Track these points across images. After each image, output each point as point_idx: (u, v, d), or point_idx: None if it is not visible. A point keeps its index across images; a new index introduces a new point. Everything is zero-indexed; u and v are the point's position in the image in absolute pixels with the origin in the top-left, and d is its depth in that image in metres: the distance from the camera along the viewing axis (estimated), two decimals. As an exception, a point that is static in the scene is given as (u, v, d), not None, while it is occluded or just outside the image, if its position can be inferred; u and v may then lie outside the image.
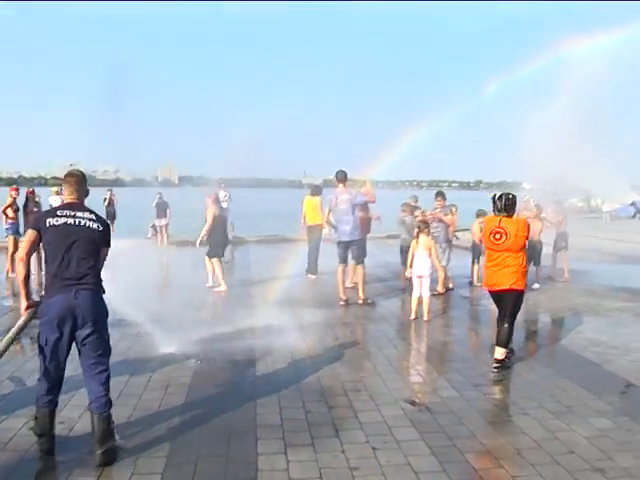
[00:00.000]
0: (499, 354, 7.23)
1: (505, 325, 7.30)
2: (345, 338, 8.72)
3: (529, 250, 8.51)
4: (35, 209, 14.43)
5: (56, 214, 4.75)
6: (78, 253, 4.64)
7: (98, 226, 4.82)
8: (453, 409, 5.90)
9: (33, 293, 4.85)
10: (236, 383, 6.73)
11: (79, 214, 4.78)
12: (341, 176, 11.31)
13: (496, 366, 7.19)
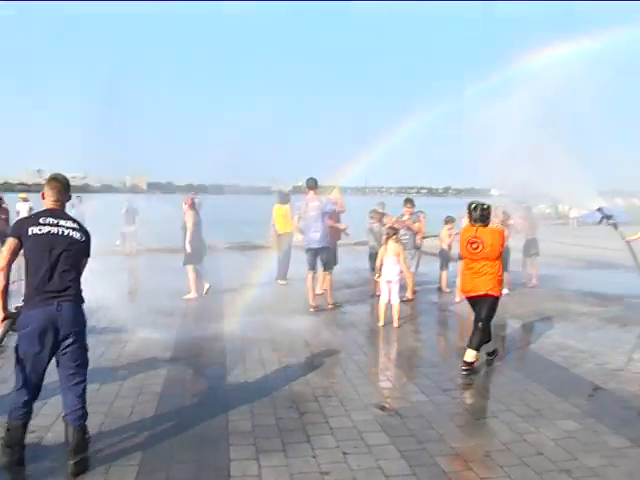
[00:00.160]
0: (469, 357, 7.40)
1: (477, 329, 7.50)
2: (315, 344, 8.80)
3: None
4: (3, 216, 14.32)
5: (39, 222, 4.63)
6: (61, 265, 4.57)
7: (81, 236, 4.76)
8: (423, 413, 6.02)
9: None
10: (207, 390, 6.78)
11: (62, 222, 4.70)
12: (311, 183, 11.47)
13: (465, 369, 7.35)
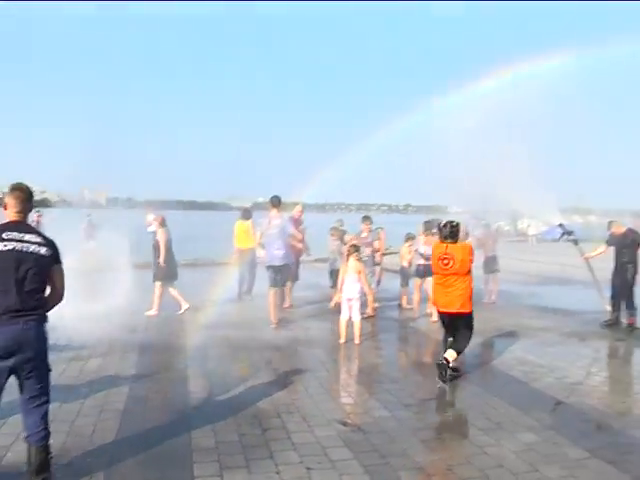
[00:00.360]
0: (450, 356, 7.84)
1: (460, 337, 8.10)
2: (277, 361, 8.86)
3: None
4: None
5: (2, 237, 4.45)
6: (28, 283, 4.43)
7: (47, 250, 4.57)
8: (385, 429, 6.10)
9: None
10: (170, 407, 6.77)
11: (27, 237, 4.53)
12: (275, 201, 11.65)
13: (446, 367, 7.77)
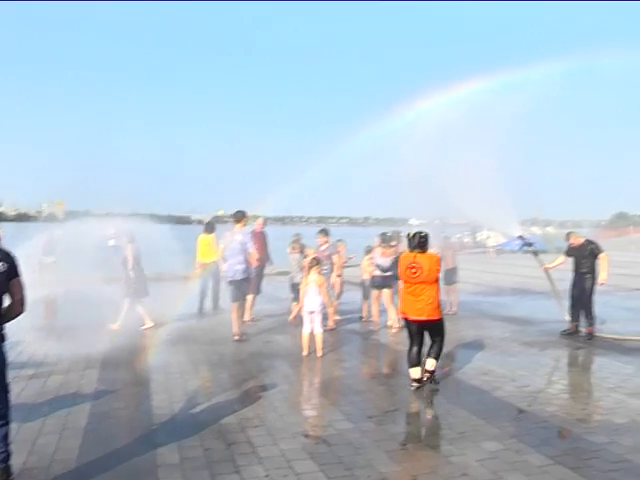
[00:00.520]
0: (430, 365, 8.26)
1: (434, 345, 8.36)
2: (240, 374, 8.89)
3: None
4: None
5: None
6: None
7: (3, 264, 4.54)
8: (350, 440, 6.16)
9: None
10: (134, 423, 6.74)
11: None
12: (238, 216, 11.81)
13: (428, 377, 8.24)
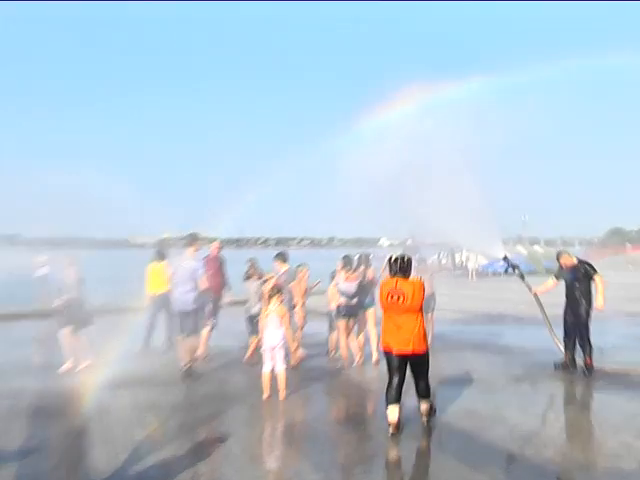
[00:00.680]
0: (425, 404, 7.63)
1: (421, 382, 7.61)
2: (193, 422, 7.99)
3: None
4: None
5: None
6: None
7: None
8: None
9: None
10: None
11: None
12: (190, 239, 11.20)
13: (426, 418, 7.61)
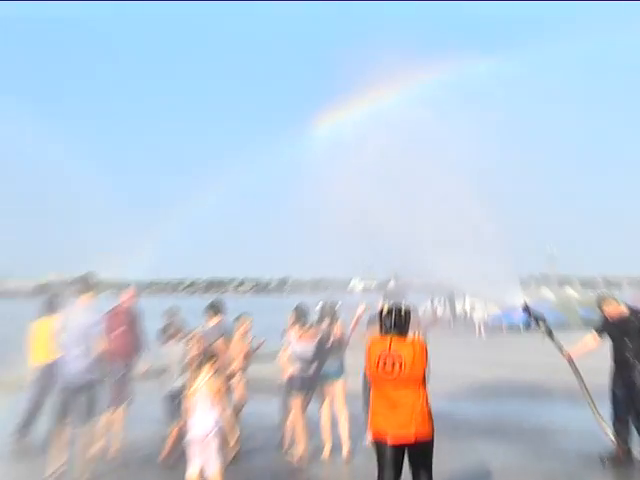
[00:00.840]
0: None
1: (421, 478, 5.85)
2: None
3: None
4: None
5: None
6: None
7: None
8: None
9: None
10: None
11: None
12: (84, 283, 8.12)
13: None
